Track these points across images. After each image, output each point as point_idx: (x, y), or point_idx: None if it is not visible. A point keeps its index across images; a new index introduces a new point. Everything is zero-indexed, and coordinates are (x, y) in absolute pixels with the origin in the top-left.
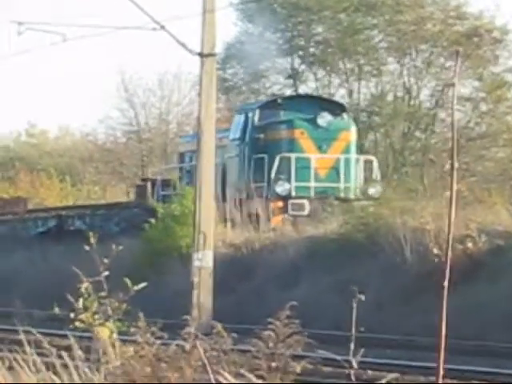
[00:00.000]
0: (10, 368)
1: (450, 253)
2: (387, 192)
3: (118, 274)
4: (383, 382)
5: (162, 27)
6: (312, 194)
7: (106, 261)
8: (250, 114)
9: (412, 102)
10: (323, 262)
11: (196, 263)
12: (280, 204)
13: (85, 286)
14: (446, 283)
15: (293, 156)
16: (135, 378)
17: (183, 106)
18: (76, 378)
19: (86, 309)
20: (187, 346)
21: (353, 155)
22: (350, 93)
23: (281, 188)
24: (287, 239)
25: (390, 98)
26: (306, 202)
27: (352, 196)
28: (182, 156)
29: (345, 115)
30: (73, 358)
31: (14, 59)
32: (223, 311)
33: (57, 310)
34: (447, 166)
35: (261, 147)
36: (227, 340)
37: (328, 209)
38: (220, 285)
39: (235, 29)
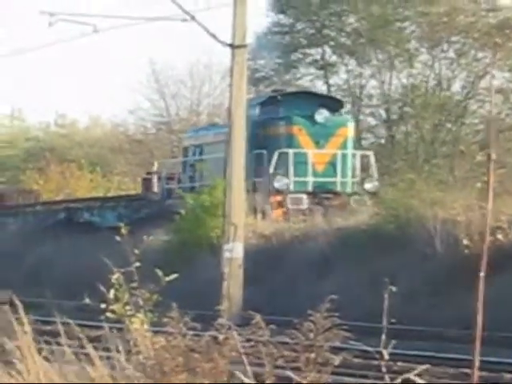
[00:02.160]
0: (45, 358)
1: (487, 242)
2: (418, 184)
3: (148, 266)
4: (414, 373)
5: (193, 18)
6: (310, 188)
7: (136, 251)
8: (251, 110)
9: (443, 94)
10: (354, 254)
11: (226, 254)
12: (279, 198)
13: (116, 276)
14: (482, 274)
15: (291, 151)
16: (166, 368)
17: (214, 97)
18: (107, 369)
19: (117, 299)
20: (220, 337)
21: (350, 150)
22: (382, 84)
23: (279, 183)
24: (318, 230)
25: (421, 89)
26: (304, 196)
27: (349, 190)
28: (185, 150)
29: (342, 111)
30: (105, 349)
31: (45, 50)
32: (253, 302)
33: (87, 301)
34: (478, 158)
35: (260, 143)
36: (265, 331)
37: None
38: (250, 276)
39: (266, 19)
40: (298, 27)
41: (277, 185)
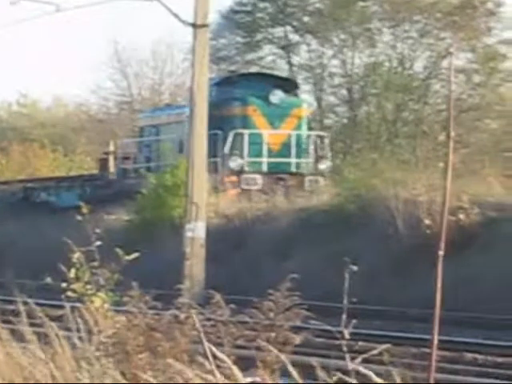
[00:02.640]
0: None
1: (445, 220)
2: (380, 163)
3: (109, 245)
4: (375, 352)
5: None
6: (265, 169)
7: (97, 231)
8: None
9: (405, 73)
10: (316, 233)
11: (188, 234)
12: (233, 178)
13: (76, 255)
14: (441, 252)
15: (246, 132)
16: (128, 348)
17: (176, 77)
18: (68, 349)
19: (78, 279)
20: (181, 316)
21: (304, 131)
22: (344, 63)
23: (234, 163)
24: (279, 210)
25: (383, 68)
26: (258, 176)
27: (304, 171)
28: (141, 130)
29: (297, 92)
30: (65, 329)
31: (7, 29)
32: (216, 282)
33: (49, 280)
34: (440, 138)
35: (216, 123)
36: (225, 310)
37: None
38: (212, 256)
39: None
40: (261, 6)
41: (232, 165)
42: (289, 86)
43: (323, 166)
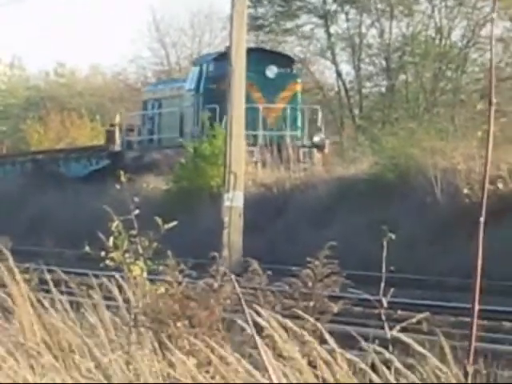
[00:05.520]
0: (40, 307)
1: (486, 186)
2: (418, 132)
3: (146, 214)
4: (413, 321)
5: None
6: (260, 141)
7: (136, 199)
8: (205, 66)
9: (443, 42)
10: (354, 202)
11: (226, 203)
12: None
13: (115, 224)
14: (482, 218)
15: None
16: (163, 316)
17: (214, 46)
18: (106, 317)
19: (116, 247)
20: (216, 284)
21: (299, 105)
22: (381, 33)
23: None
24: (318, 179)
25: (421, 38)
26: (255, 149)
27: (298, 143)
28: (145, 104)
29: (293, 67)
30: (103, 298)
31: None
32: (253, 251)
33: (87, 249)
34: (479, 107)
35: (213, 98)
36: (262, 278)
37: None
38: (250, 225)
39: None
40: None
41: None
42: (284, 61)
43: (317, 138)
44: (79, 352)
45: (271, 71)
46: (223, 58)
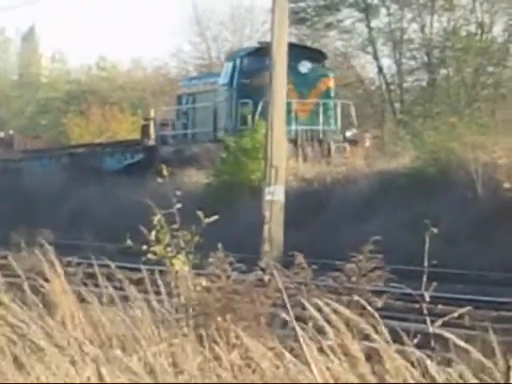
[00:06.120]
0: (82, 301)
1: None
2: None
3: (187, 207)
4: (455, 315)
5: None
6: (293, 136)
7: (178, 193)
8: (238, 61)
9: (484, 37)
10: (395, 197)
11: (267, 197)
12: None
13: (157, 218)
14: None
15: None
16: (208, 310)
17: (255, 40)
18: (147, 311)
19: (158, 241)
20: (265, 278)
21: (331, 100)
22: (423, 27)
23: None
24: (359, 174)
25: (462, 32)
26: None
27: (331, 138)
28: (179, 98)
29: (325, 63)
30: (145, 292)
31: None
32: (294, 246)
33: (129, 243)
34: None
35: (246, 92)
36: (307, 272)
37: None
38: (291, 219)
39: None
40: None
41: None
42: (317, 56)
43: (349, 133)
44: (121, 345)
45: (304, 66)
46: (257, 52)
